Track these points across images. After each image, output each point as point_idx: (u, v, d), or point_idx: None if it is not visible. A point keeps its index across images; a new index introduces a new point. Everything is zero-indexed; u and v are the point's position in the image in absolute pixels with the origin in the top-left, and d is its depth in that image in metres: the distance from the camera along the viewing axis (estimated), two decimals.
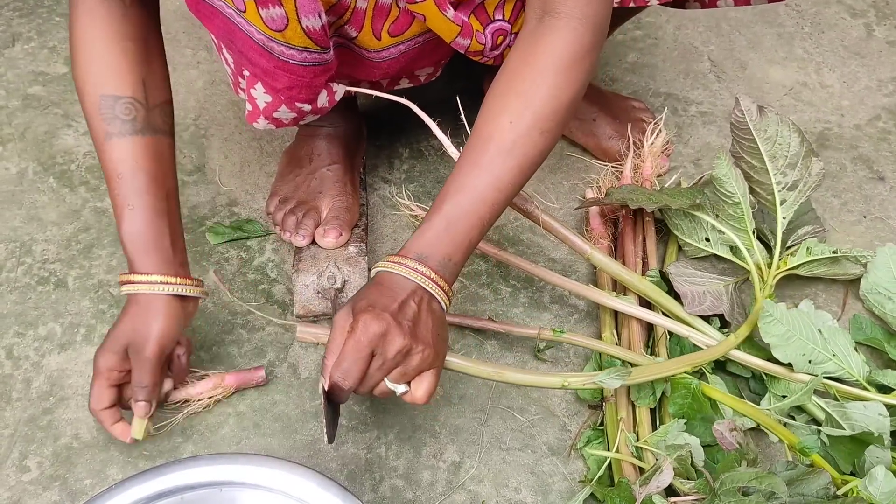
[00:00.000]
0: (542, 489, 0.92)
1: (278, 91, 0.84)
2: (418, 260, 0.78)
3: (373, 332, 0.74)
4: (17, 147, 1.24)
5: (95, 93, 0.82)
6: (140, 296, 0.85)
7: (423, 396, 0.78)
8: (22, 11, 1.44)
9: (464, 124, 0.91)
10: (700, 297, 1.00)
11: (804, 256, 1.00)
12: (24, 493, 0.90)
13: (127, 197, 0.84)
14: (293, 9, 0.73)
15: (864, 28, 1.45)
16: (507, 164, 0.78)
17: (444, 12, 0.81)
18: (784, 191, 0.99)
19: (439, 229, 0.78)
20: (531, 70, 0.79)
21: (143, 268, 0.84)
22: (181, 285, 0.86)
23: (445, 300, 0.80)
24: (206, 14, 0.78)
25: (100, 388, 0.86)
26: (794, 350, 0.93)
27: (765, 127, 0.97)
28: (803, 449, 0.86)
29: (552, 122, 0.79)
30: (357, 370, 0.75)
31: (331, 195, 1.08)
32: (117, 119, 0.82)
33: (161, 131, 0.86)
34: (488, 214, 0.79)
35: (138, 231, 0.84)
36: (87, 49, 0.82)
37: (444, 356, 0.81)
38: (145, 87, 0.84)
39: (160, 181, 0.85)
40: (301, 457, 0.93)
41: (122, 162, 0.83)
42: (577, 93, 0.80)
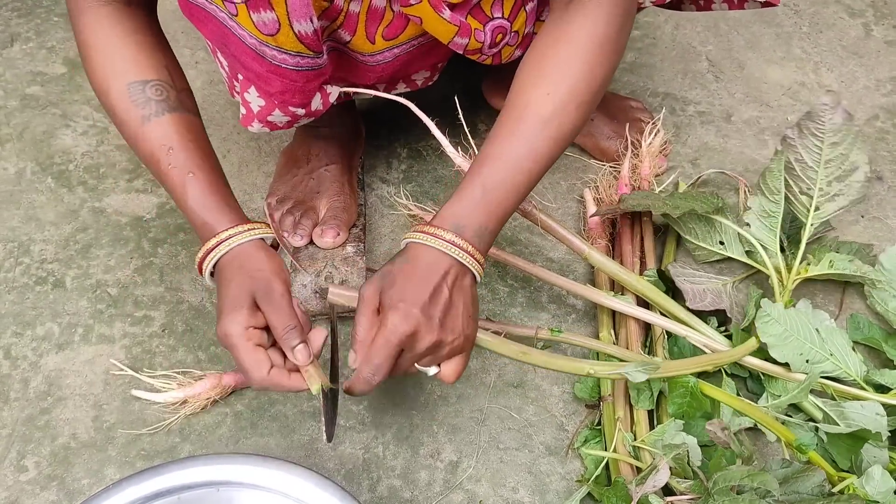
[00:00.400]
0: (539, 489, 0.92)
1: (271, 95, 0.84)
2: (455, 231, 0.77)
3: (402, 331, 0.74)
4: (15, 147, 1.24)
5: (122, 83, 0.81)
6: (237, 250, 0.79)
7: (452, 377, 0.79)
8: (20, 11, 1.44)
9: (462, 124, 0.91)
10: (701, 294, 1.00)
11: (826, 268, 1.00)
12: (21, 493, 0.90)
13: (184, 166, 0.80)
14: (285, 13, 0.73)
15: (863, 28, 1.45)
16: (543, 135, 0.78)
17: (441, 13, 0.81)
18: (823, 199, 0.99)
19: (476, 197, 0.78)
20: (566, 46, 0.79)
21: (221, 225, 0.80)
22: (264, 229, 0.81)
23: (480, 271, 0.79)
24: (199, 18, 0.78)
25: (252, 353, 0.74)
26: (792, 350, 0.93)
27: (838, 130, 0.97)
28: (800, 446, 0.86)
29: (587, 96, 0.79)
30: (387, 367, 0.75)
31: (329, 195, 1.08)
32: (151, 101, 0.81)
33: (192, 111, 0.85)
34: (524, 184, 0.79)
35: (208, 194, 0.80)
36: (102, 47, 0.82)
37: (474, 335, 0.81)
38: (169, 71, 0.84)
39: (209, 151, 0.84)
40: (298, 456, 0.93)
41: (169, 137, 0.80)
42: (609, 72, 0.81)
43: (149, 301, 1.06)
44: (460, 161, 0.91)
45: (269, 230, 0.82)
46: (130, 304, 1.06)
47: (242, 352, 0.74)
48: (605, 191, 1.15)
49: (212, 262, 0.80)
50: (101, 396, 0.98)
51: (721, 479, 0.79)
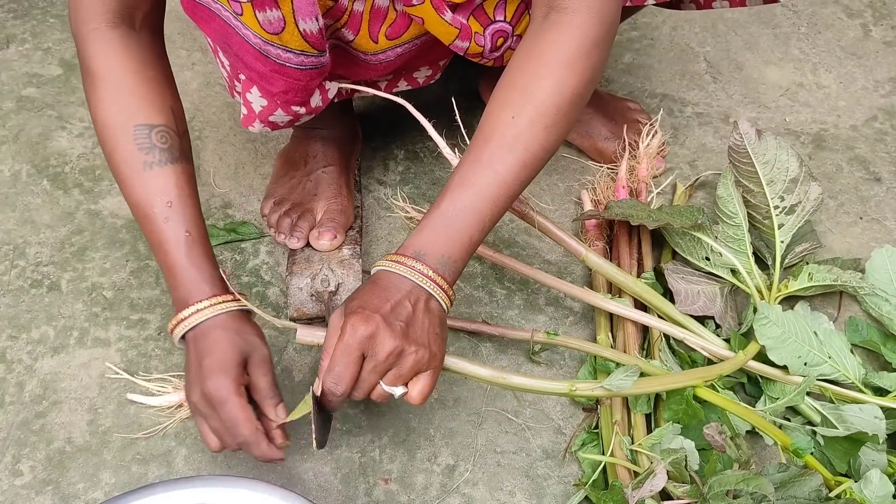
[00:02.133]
0: (536, 493, 0.91)
1: (274, 95, 0.83)
2: (416, 258, 0.76)
3: (361, 334, 0.73)
4: (10, 149, 1.23)
5: (129, 123, 0.80)
6: (222, 317, 0.81)
7: (418, 397, 0.77)
8: (16, 13, 1.43)
9: (459, 126, 0.91)
10: (694, 296, 0.99)
11: (805, 281, 1.00)
12: (16, 498, 0.90)
13: (183, 224, 0.81)
14: (290, 12, 0.73)
15: (861, 28, 1.45)
16: (508, 160, 0.77)
17: (442, 15, 0.81)
18: (782, 215, 1.00)
19: (437, 226, 0.77)
20: (535, 65, 0.77)
21: (212, 291, 0.82)
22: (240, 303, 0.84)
23: (445, 299, 0.78)
24: (202, 17, 0.78)
25: (243, 409, 0.78)
26: (790, 352, 0.93)
27: (763, 151, 0.97)
28: (797, 450, 0.86)
29: (556, 116, 0.77)
30: (348, 374, 0.74)
31: (325, 197, 1.08)
32: (156, 148, 0.81)
33: (189, 160, 0.86)
34: (490, 212, 0.78)
35: (202, 256, 0.82)
36: (112, 80, 0.81)
37: (443, 356, 0.80)
38: (174, 115, 0.84)
39: (200, 208, 0.85)
40: (294, 460, 0.93)
41: (169, 190, 0.81)
42: (584, 87, 0.78)
43: (144, 304, 1.06)
44: (457, 162, 0.90)
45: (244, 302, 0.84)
46: (126, 307, 1.06)
47: (237, 407, 0.77)
48: (603, 192, 1.14)
49: (197, 321, 0.80)
50: (97, 400, 0.97)
51: (716, 483, 0.79)
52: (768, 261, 1.04)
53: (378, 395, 0.77)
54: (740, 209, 0.98)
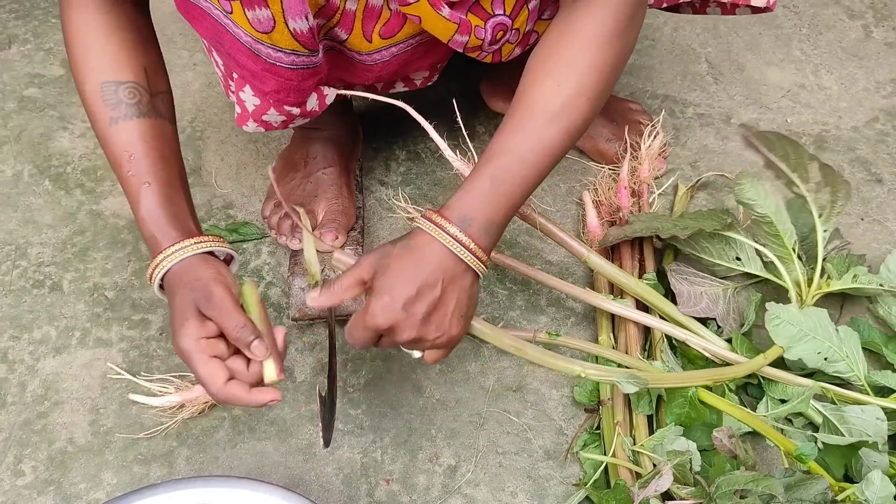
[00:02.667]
0: (538, 493, 0.91)
1: (266, 94, 0.83)
2: (460, 225, 0.76)
3: (380, 323, 0.75)
4: (12, 149, 1.23)
5: (96, 80, 0.80)
6: (178, 267, 0.77)
7: (431, 360, 0.80)
8: (18, 13, 1.43)
9: (460, 127, 0.91)
10: (696, 297, 0.99)
11: (849, 282, 0.99)
12: (18, 498, 0.90)
13: (141, 175, 0.79)
14: (280, 10, 0.72)
15: (863, 29, 1.45)
16: (553, 128, 0.78)
17: (440, 11, 0.81)
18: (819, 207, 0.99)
19: (484, 189, 0.77)
20: (575, 39, 0.78)
21: (168, 240, 0.78)
22: (213, 242, 0.79)
23: (483, 269, 0.78)
24: (194, 16, 0.78)
25: (205, 364, 0.73)
26: (808, 349, 0.93)
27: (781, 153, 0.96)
28: (800, 456, 0.86)
29: (596, 90, 0.79)
30: (364, 344, 0.78)
31: (327, 198, 1.08)
32: (122, 103, 0.80)
33: (165, 117, 0.84)
34: (533, 178, 0.79)
35: (159, 206, 0.79)
36: (84, 41, 0.81)
37: (460, 336, 0.80)
38: (146, 73, 0.82)
39: (171, 161, 0.82)
40: (296, 461, 0.93)
41: (132, 143, 0.79)
42: (619, 65, 0.80)
43: (146, 304, 1.06)
44: (459, 164, 0.91)
45: (221, 243, 0.80)
46: (128, 307, 1.06)
47: (197, 364, 0.73)
48: (605, 193, 1.14)
49: (157, 277, 0.77)
50: (99, 400, 0.97)
51: (724, 483, 0.79)
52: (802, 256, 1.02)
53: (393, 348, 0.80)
54: (769, 206, 0.96)
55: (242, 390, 0.73)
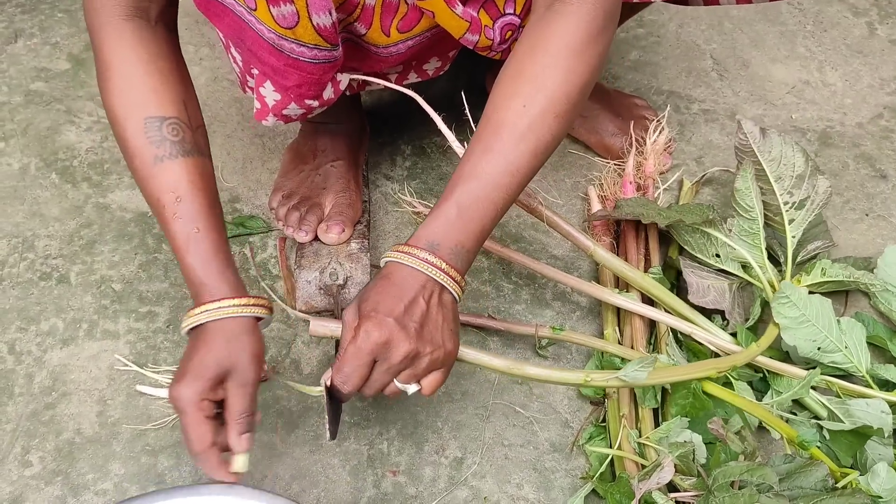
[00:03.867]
0: (544, 485, 0.92)
1: (288, 89, 0.83)
2: (429, 250, 0.76)
3: (374, 340, 0.73)
4: (19, 143, 1.24)
5: (139, 116, 0.78)
6: (224, 321, 0.76)
7: (428, 390, 0.78)
8: (24, 7, 1.44)
9: (468, 119, 0.91)
10: (705, 289, 1.00)
11: (818, 276, 1.00)
12: (26, 488, 0.90)
13: (192, 220, 0.78)
14: (304, 6, 0.73)
15: (867, 26, 1.45)
16: (520, 149, 0.77)
17: (453, 8, 0.81)
18: (792, 210, 1.00)
19: (451, 216, 0.76)
20: (543, 54, 0.77)
21: (220, 292, 0.77)
22: (260, 306, 0.79)
23: (458, 290, 0.78)
24: (215, 13, 0.78)
25: (198, 424, 0.72)
26: (805, 335, 0.93)
27: (769, 148, 0.98)
28: (802, 442, 0.86)
29: (566, 105, 0.77)
30: (357, 377, 0.75)
31: (334, 191, 1.08)
32: (166, 141, 0.78)
33: (205, 154, 0.83)
34: (502, 200, 0.78)
35: (210, 255, 0.78)
36: (124, 72, 0.79)
37: (456, 351, 0.80)
38: (187, 108, 0.81)
39: (216, 204, 0.81)
40: (303, 452, 0.93)
41: (179, 184, 0.78)
42: (590, 76, 0.79)
43: (153, 297, 1.06)
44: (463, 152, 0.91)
45: (264, 309, 0.79)
46: (135, 299, 1.06)
47: (190, 420, 0.73)
48: (610, 188, 1.14)
49: (199, 321, 0.76)
50: (106, 392, 0.98)
51: (721, 475, 0.79)
52: (780, 258, 1.04)
53: (391, 392, 0.77)
54: (757, 203, 0.98)
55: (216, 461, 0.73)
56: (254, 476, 0.91)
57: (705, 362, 0.92)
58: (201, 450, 0.73)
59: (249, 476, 0.91)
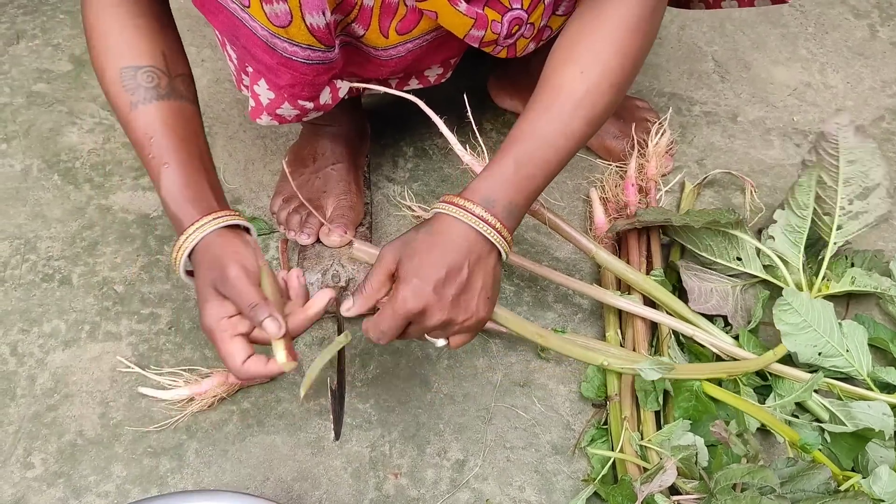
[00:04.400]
0: (545, 488, 0.92)
1: (281, 88, 0.83)
2: (485, 205, 0.76)
3: (410, 307, 0.75)
4: (21, 144, 1.24)
5: (115, 66, 0.81)
6: (200, 246, 0.77)
7: (455, 345, 0.80)
8: (26, 9, 1.44)
9: (470, 122, 0.91)
10: (707, 294, 1.00)
11: (847, 285, 1.00)
12: (28, 490, 0.90)
13: (161, 157, 0.79)
14: (297, 5, 0.73)
15: (868, 29, 1.45)
16: (577, 113, 0.78)
17: (457, 7, 0.81)
18: (844, 217, 0.99)
19: (508, 172, 0.77)
20: (599, 27, 0.79)
21: (189, 220, 0.78)
22: (230, 217, 0.79)
23: (507, 249, 0.79)
24: (210, 9, 0.78)
25: (226, 344, 0.74)
26: (805, 341, 0.93)
27: (853, 148, 0.97)
28: (804, 446, 0.86)
29: (620, 77, 0.80)
30: (393, 334, 0.77)
31: (335, 194, 1.08)
32: (140, 87, 0.80)
33: (186, 98, 0.84)
34: (556, 162, 0.79)
35: (178, 186, 0.79)
36: (103, 29, 0.82)
37: (487, 317, 0.81)
38: (165, 57, 0.83)
39: (191, 141, 0.82)
40: (305, 454, 0.93)
41: (151, 125, 0.80)
42: (643, 53, 0.81)
43: (155, 298, 1.06)
44: (468, 159, 0.91)
45: (231, 218, 0.79)
46: (137, 301, 1.06)
47: (218, 343, 0.74)
48: (612, 190, 1.15)
49: (181, 261, 0.78)
50: (108, 394, 0.98)
51: (722, 477, 0.79)
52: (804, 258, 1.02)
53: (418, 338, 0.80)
54: (812, 203, 0.98)
55: (259, 365, 0.74)
56: (255, 478, 0.92)
57: (719, 364, 0.93)
58: (236, 367, 0.74)
59: (251, 477, 0.91)
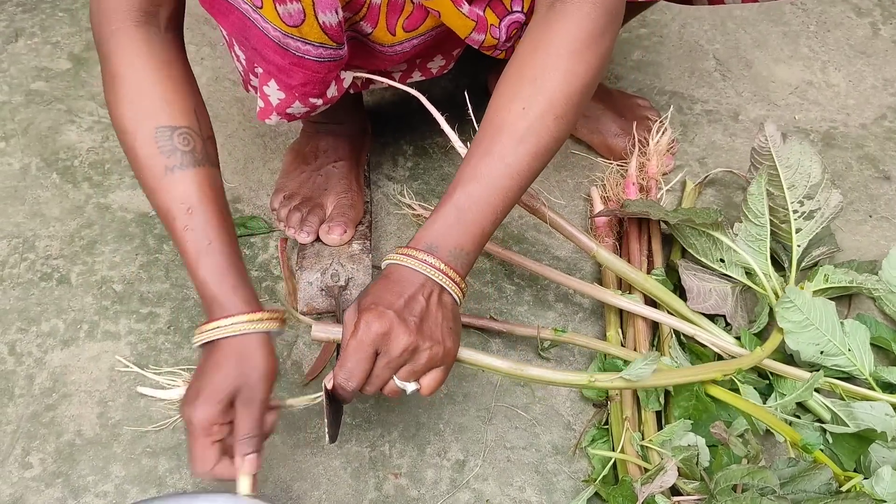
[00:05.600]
0: (546, 488, 0.91)
1: (293, 88, 0.83)
2: (428, 251, 0.75)
3: (375, 331, 0.73)
4: (20, 143, 1.23)
5: (150, 125, 0.77)
6: (236, 338, 0.76)
7: (427, 390, 0.77)
8: (25, 7, 1.43)
9: (471, 119, 0.91)
10: (706, 294, 0.99)
11: (821, 283, 0.99)
12: (26, 490, 0.90)
13: (203, 232, 0.77)
14: (310, 4, 0.73)
15: (870, 27, 1.45)
16: (519, 151, 0.76)
17: (460, 8, 0.81)
18: (800, 219, 0.99)
19: (449, 219, 0.76)
20: (543, 55, 0.77)
21: (233, 308, 0.76)
22: (274, 320, 0.78)
23: (458, 292, 0.77)
24: (220, 10, 0.77)
25: (204, 448, 0.74)
26: (808, 339, 0.93)
27: (787, 155, 0.97)
28: (805, 446, 0.86)
29: (566, 107, 0.77)
30: (360, 371, 0.74)
31: (335, 192, 1.08)
32: (177, 151, 0.77)
33: (215, 164, 0.82)
34: (502, 204, 0.77)
35: (222, 269, 0.77)
36: (134, 81, 0.78)
37: (456, 351, 0.79)
38: (198, 117, 0.80)
39: (228, 216, 0.80)
40: (304, 454, 0.93)
41: (190, 195, 0.77)
42: (592, 77, 0.78)
43: (154, 298, 1.06)
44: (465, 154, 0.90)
45: (277, 323, 0.79)
46: (136, 300, 1.06)
47: (197, 444, 0.74)
48: (613, 189, 1.14)
49: (213, 337, 0.76)
50: (107, 393, 0.97)
51: (722, 478, 0.79)
52: (784, 263, 1.03)
53: (390, 391, 0.77)
54: (766, 210, 0.98)
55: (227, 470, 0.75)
56: None
57: (710, 365, 0.92)
58: (202, 472, 0.74)
59: None
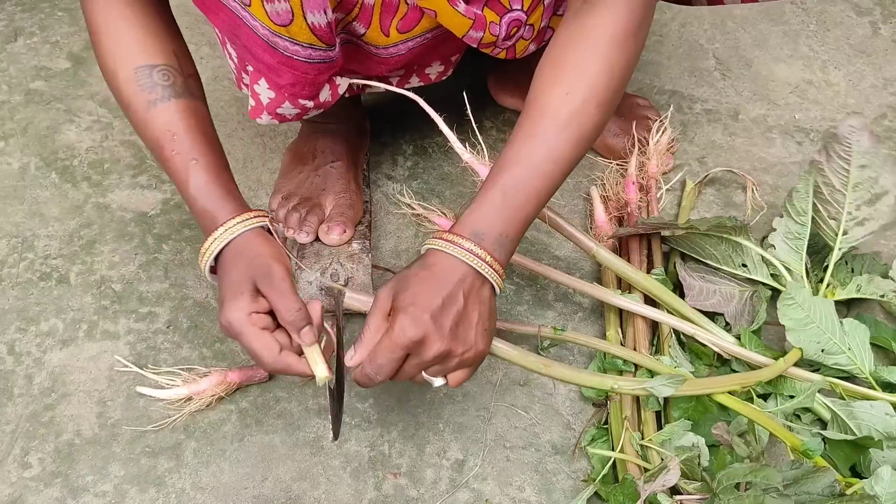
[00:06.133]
0: (545, 488, 0.91)
1: (282, 87, 0.83)
2: (473, 239, 0.75)
3: (409, 337, 0.73)
4: (19, 142, 1.23)
5: (129, 66, 0.80)
6: (237, 240, 0.78)
7: (454, 384, 0.78)
8: (24, 6, 1.43)
9: (470, 120, 0.91)
10: (708, 292, 0.99)
11: (853, 293, 0.99)
12: (25, 490, 0.90)
13: (187, 152, 0.79)
14: (298, 4, 0.72)
15: (870, 26, 1.44)
16: (563, 137, 0.77)
17: (456, 7, 0.81)
18: (851, 223, 0.98)
19: (496, 203, 0.76)
20: (585, 43, 0.77)
21: (224, 216, 0.79)
22: (264, 217, 0.81)
23: (499, 282, 0.77)
24: (210, 8, 0.77)
25: (259, 337, 0.74)
26: (809, 337, 0.92)
27: (866, 155, 0.95)
28: (806, 451, 0.85)
29: (606, 94, 0.77)
30: (390, 368, 0.75)
31: (334, 192, 1.08)
32: (157, 86, 0.80)
33: (199, 98, 0.84)
34: (545, 188, 0.77)
35: (210, 181, 0.79)
36: (111, 31, 0.81)
37: (486, 350, 0.79)
38: (177, 57, 0.83)
39: (213, 139, 0.83)
40: (303, 454, 0.93)
41: (173, 123, 0.80)
42: (630, 68, 0.79)
43: (153, 297, 1.06)
44: (468, 157, 0.90)
45: (267, 220, 0.81)
46: (135, 300, 1.05)
47: (250, 337, 0.74)
48: (612, 189, 1.14)
49: (213, 252, 0.78)
50: (106, 393, 0.97)
51: (725, 477, 0.79)
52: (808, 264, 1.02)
53: (417, 381, 0.78)
54: (810, 208, 0.97)
55: (294, 358, 0.75)
56: (254, 478, 0.91)
57: (730, 377, 0.92)
58: (273, 358, 0.74)
59: (250, 477, 0.91)
